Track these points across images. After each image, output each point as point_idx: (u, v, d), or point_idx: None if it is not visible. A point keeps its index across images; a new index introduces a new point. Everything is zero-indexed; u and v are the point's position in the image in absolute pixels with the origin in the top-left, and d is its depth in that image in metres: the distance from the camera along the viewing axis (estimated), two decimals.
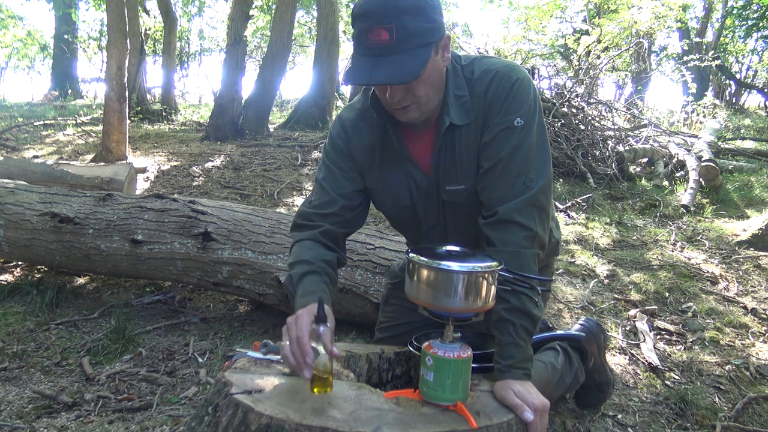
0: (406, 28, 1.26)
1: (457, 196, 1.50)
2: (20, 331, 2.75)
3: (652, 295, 3.29)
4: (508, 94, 1.40)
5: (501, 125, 1.40)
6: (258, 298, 2.78)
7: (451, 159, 1.47)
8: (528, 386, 1.27)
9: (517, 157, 1.39)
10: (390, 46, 1.26)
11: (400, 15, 1.25)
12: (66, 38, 18.24)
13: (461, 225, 1.56)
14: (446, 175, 1.49)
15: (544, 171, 1.41)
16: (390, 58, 1.27)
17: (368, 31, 1.27)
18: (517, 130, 1.39)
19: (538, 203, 1.38)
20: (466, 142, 1.45)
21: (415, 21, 1.27)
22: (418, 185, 1.53)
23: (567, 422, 2.06)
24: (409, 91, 1.35)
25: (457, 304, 1.19)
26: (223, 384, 1.21)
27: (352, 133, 1.56)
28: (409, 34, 1.27)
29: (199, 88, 30.72)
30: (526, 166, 1.39)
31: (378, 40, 1.27)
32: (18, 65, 24.07)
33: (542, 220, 1.39)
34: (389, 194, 1.57)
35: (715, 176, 5.40)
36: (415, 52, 1.28)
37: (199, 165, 6.79)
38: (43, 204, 3.13)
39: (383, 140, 1.53)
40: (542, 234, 1.39)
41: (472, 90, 1.43)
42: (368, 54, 1.29)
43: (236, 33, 9.12)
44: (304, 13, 18.41)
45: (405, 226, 1.70)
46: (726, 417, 2.19)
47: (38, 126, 10.21)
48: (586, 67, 7.85)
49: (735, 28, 16.72)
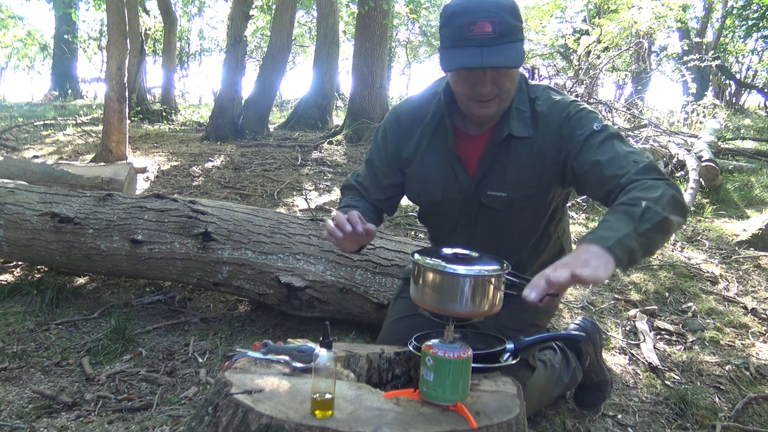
0: (507, 22, 1.41)
1: (497, 203, 1.58)
2: (20, 331, 2.75)
3: (652, 295, 3.29)
4: (576, 114, 1.52)
5: (584, 134, 1.49)
6: (258, 298, 2.78)
7: (501, 167, 1.56)
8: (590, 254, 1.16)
9: (609, 150, 1.44)
10: (493, 38, 1.39)
11: (500, 11, 1.41)
12: (66, 38, 18.22)
13: (489, 230, 1.62)
14: (491, 181, 1.58)
15: (642, 154, 1.45)
16: (493, 48, 1.39)
17: (472, 23, 1.40)
18: (600, 132, 1.48)
19: (656, 167, 1.41)
20: (519, 154, 1.54)
21: (513, 18, 1.43)
22: (460, 183, 1.61)
23: (567, 422, 2.06)
24: (497, 84, 1.46)
25: (464, 308, 1.18)
26: (223, 384, 1.21)
27: (405, 124, 1.68)
28: (509, 28, 1.41)
29: (199, 88, 30.77)
30: (626, 152, 1.44)
31: (481, 32, 1.39)
32: (18, 65, 24.05)
33: (663, 174, 1.40)
34: (427, 186, 1.66)
35: (715, 176, 5.40)
36: (514, 45, 1.42)
37: (199, 165, 6.79)
38: (43, 204, 3.13)
39: (433, 136, 1.63)
40: (671, 181, 1.38)
41: (534, 108, 1.55)
42: (471, 45, 1.40)
43: (236, 33, 9.12)
44: (304, 13, 18.42)
45: (434, 220, 1.76)
46: (726, 417, 2.19)
47: (38, 126, 10.21)
48: (586, 67, 7.85)
49: (735, 28, 16.71)
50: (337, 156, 7.64)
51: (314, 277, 2.62)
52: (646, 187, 1.32)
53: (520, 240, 1.66)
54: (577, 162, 1.49)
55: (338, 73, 12.31)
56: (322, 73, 11.50)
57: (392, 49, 21.13)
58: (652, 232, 1.25)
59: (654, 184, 1.33)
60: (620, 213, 1.27)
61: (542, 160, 1.54)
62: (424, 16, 18.64)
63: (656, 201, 1.27)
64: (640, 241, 1.22)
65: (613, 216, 1.27)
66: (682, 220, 1.37)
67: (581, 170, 1.48)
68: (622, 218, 1.25)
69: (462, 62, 1.42)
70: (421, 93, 1.72)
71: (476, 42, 1.40)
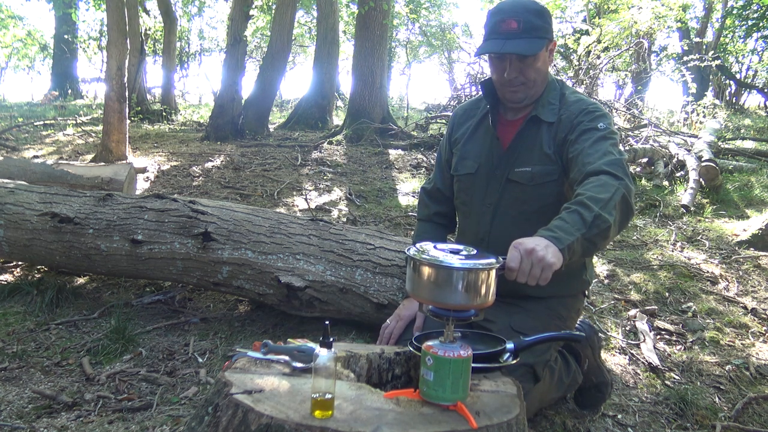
0: (531, 22, 1.71)
1: (522, 177, 1.81)
2: (20, 331, 2.75)
3: (652, 295, 3.29)
4: (592, 112, 1.75)
5: (586, 126, 1.71)
6: (258, 298, 2.78)
7: (528, 145, 1.82)
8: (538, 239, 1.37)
9: (601, 147, 1.65)
10: (517, 32, 1.70)
11: (526, 12, 1.71)
12: (66, 38, 18.21)
13: (512, 208, 1.83)
14: (520, 157, 1.82)
15: (626, 167, 1.61)
16: (515, 40, 1.70)
17: (502, 21, 1.72)
18: (601, 131, 1.69)
19: (624, 165, 1.59)
20: (543, 136, 1.80)
21: (537, 19, 1.72)
22: (493, 156, 1.87)
23: (567, 422, 2.06)
24: (522, 73, 1.75)
25: (458, 301, 1.21)
26: (223, 384, 1.21)
27: (462, 114, 2.03)
28: (532, 27, 1.71)
29: (199, 88, 30.71)
30: (609, 151, 1.63)
31: (508, 28, 1.71)
32: (18, 65, 24.04)
33: (627, 174, 1.58)
34: (466, 161, 1.93)
35: (715, 176, 5.40)
36: (535, 39, 1.71)
37: (199, 165, 6.79)
38: (43, 204, 3.13)
39: (480, 122, 1.95)
40: (629, 183, 1.55)
41: (562, 103, 1.82)
42: (499, 37, 1.72)
43: (236, 33, 9.12)
44: (304, 13, 18.39)
45: (464, 199, 1.96)
46: (726, 417, 2.19)
47: (38, 126, 10.21)
48: (586, 67, 7.86)
49: (735, 28, 16.71)
50: (337, 156, 7.64)
51: (314, 277, 2.62)
52: (601, 183, 1.51)
53: (539, 219, 1.70)
54: (572, 147, 1.71)
55: (338, 73, 12.32)
56: (322, 73, 11.51)
57: (392, 49, 21.11)
58: (597, 237, 1.45)
59: (608, 181, 1.51)
60: (575, 215, 1.44)
61: (556, 141, 1.78)
62: (424, 16, 18.62)
63: (606, 203, 1.46)
64: (585, 245, 1.43)
65: (569, 217, 1.45)
66: (626, 223, 1.56)
67: (572, 155, 1.70)
68: (576, 221, 1.43)
69: (487, 48, 1.75)
70: (478, 96, 2.03)
71: (503, 36, 1.71)
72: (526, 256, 1.33)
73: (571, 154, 1.70)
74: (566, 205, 1.49)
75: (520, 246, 1.36)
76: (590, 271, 1.96)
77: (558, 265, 1.35)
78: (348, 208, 5.09)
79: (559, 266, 1.35)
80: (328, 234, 2.75)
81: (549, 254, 1.33)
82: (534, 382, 1.71)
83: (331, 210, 5.08)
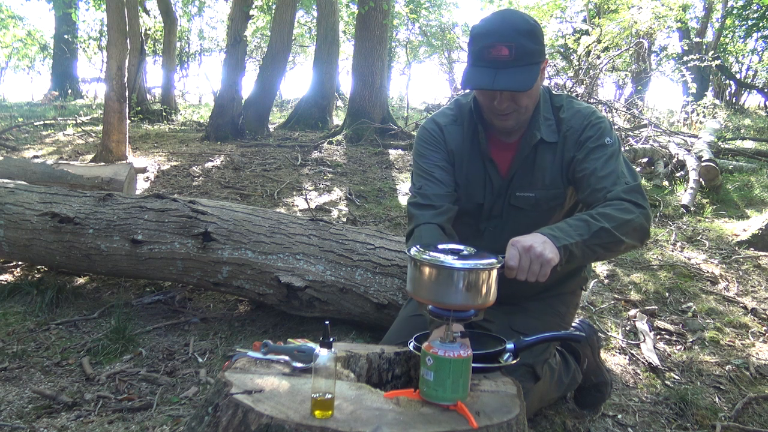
0: (523, 47, 1.52)
1: (525, 202, 1.72)
2: (20, 331, 2.75)
3: (652, 295, 3.29)
4: (596, 125, 1.67)
5: (594, 144, 1.64)
6: (258, 298, 2.78)
7: (529, 169, 1.70)
8: (536, 236, 1.38)
9: (611, 165, 1.60)
10: (509, 61, 1.52)
11: (518, 36, 1.52)
12: (66, 38, 18.21)
13: (516, 230, 1.65)
14: (521, 182, 1.71)
15: (636, 177, 1.62)
16: (508, 71, 1.51)
17: (491, 47, 1.52)
18: (609, 146, 1.63)
19: (641, 191, 1.56)
20: (545, 158, 1.69)
21: (529, 42, 1.54)
22: (493, 184, 1.74)
23: (567, 422, 2.06)
24: (515, 101, 1.60)
25: (459, 301, 1.22)
26: (223, 384, 1.21)
27: (446, 132, 1.79)
28: (525, 53, 1.53)
29: (199, 88, 30.64)
30: (622, 171, 1.60)
31: (499, 55, 1.52)
32: (18, 65, 24.05)
33: (646, 199, 1.56)
34: (467, 189, 1.78)
35: (715, 176, 5.40)
36: (528, 68, 1.54)
37: (199, 165, 6.79)
38: (43, 204, 3.13)
39: (470, 143, 1.76)
40: (648, 211, 1.54)
41: (558, 116, 1.70)
42: (489, 66, 1.53)
43: (236, 33, 9.12)
44: (304, 13, 18.40)
45: (464, 221, 1.81)
46: (726, 417, 2.19)
47: (38, 126, 10.20)
48: (586, 67, 7.86)
49: (735, 28, 16.72)
50: (337, 156, 7.64)
51: (314, 277, 2.62)
52: (623, 208, 1.49)
53: None
54: (580, 166, 1.64)
55: (338, 73, 12.32)
56: (322, 73, 11.50)
57: (392, 49, 21.11)
58: (599, 247, 1.44)
59: (630, 208, 1.50)
60: (580, 222, 1.44)
61: (563, 162, 1.69)
62: (424, 16, 18.61)
63: (621, 224, 1.45)
64: (585, 251, 1.42)
65: (573, 221, 1.44)
66: (638, 245, 1.57)
67: (581, 174, 1.62)
68: (579, 227, 1.43)
69: (476, 82, 1.56)
70: (447, 107, 1.86)
71: (493, 64, 1.52)
72: (524, 253, 1.34)
73: (580, 174, 1.64)
74: (576, 214, 1.50)
75: (517, 244, 1.36)
76: (589, 267, 1.98)
77: (556, 261, 1.35)
78: (348, 208, 5.09)
79: (557, 262, 1.36)
80: (328, 234, 2.75)
81: (547, 250, 1.34)
82: (534, 381, 1.71)
83: (331, 210, 5.08)
